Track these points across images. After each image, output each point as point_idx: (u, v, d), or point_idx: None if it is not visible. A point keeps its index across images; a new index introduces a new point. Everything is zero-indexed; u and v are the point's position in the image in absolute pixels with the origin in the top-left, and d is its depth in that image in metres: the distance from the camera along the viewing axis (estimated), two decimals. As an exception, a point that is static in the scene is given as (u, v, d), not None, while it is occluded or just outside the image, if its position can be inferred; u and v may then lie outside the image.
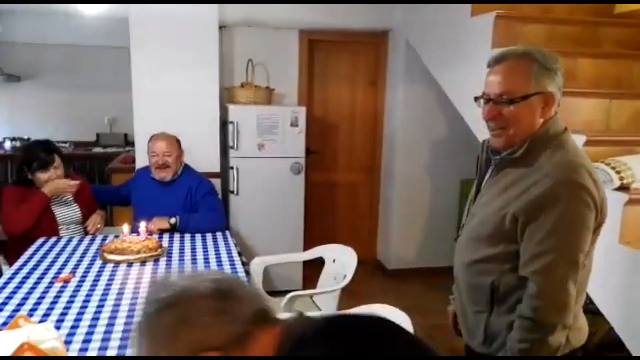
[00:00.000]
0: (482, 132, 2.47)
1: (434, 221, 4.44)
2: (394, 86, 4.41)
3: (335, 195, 4.69)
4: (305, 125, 3.92)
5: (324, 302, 2.66)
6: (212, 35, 3.67)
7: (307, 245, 3.63)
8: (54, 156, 2.76)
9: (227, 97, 4.03)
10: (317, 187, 4.48)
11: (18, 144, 4.90)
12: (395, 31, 4.33)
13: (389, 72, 4.49)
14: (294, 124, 3.88)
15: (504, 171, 1.46)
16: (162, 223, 2.80)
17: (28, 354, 1.41)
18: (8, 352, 1.39)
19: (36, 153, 2.75)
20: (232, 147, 3.82)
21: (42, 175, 2.72)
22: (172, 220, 2.80)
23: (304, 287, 3.80)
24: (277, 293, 2.93)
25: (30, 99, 4.99)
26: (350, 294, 2.58)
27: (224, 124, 3.87)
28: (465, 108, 3.07)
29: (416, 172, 4.40)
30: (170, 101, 3.60)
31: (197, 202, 2.96)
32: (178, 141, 3.06)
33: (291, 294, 2.41)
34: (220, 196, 3.76)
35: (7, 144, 4.96)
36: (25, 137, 4.80)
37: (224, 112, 3.87)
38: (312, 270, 3.06)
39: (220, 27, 3.80)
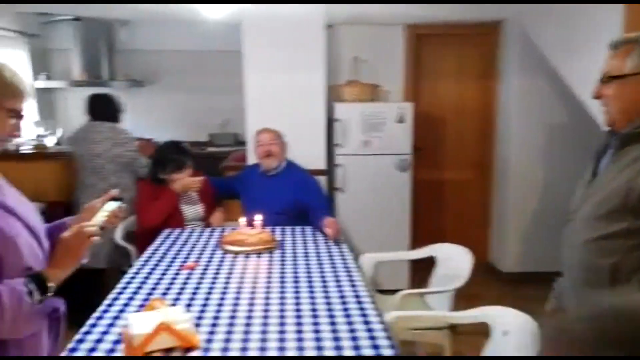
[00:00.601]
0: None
1: (553, 221, 4.14)
2: (507, 79, 4.21)
3: (444, 193, 4.57)
4: (412, 121, 3.86)
5: (436, 303, 2.59)
6: (319, 35, 3.71)
7: (414, 245, 3.57)
8: (187, 158, 2.98)
9: (333, 95, 4.07)
10: (424, 185, 4.39)
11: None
12: (509, 21, 4.13)
13: (502, 64, 4.29)
14: (400, 120, 3.84)
15: (624, 150, 1.46)
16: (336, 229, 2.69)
17: (165, 334, 1.51)
18: (147, 330, 1.50)
19: (171, 156, 2.97)
20: (338, 145, 3.86)
21: (175, 176, 2.95)
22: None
23: (412, 287, 3.74)
24: (383, 292, 2.90)
25: (152, 102, 5.36)
26: (464, 296, 2.49)
27: (329, 121, 3.91)
28: (591, 98, 2.84)
29: (533, 168, 4.16)
30: (279, 101, 3.70)
31: (305, 196, 3.03)
32: (281, 134, 3.21)
33: (404, 292, 2.37)
34: (327, 193, 3.82)
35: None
36: (147, 137, 5.15)
37: (330, 110, 3.91)
38: (420, 270, 2.99)
39: (327, 27, 3.85)
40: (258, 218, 2.57)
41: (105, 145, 3.35)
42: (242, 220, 2.60)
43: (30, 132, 4.33)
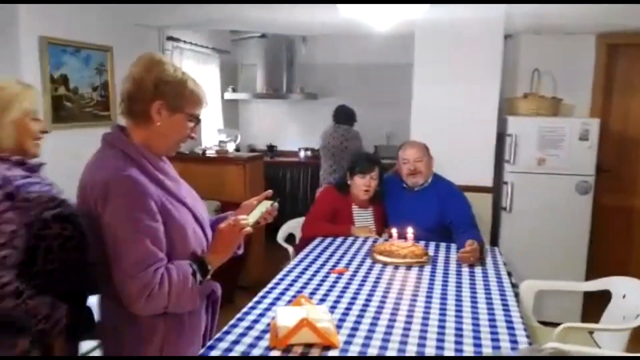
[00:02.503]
0: None
1: None
2: None
3: (633, 223, 4.01)
4: (598, 139, 3.46)
5: (606, 341, 2.27)
6: (497, 45, 3.52)
7: (590, 275, 3.19)
8: (375, 167, 3.00)
9: (507, 108, 3.84)
10: (608, 211, 3.91)
11: (309, 153, 5.68)
12: None
13: None
14: (583, 137, 3.46)
15: None
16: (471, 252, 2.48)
17: (306, 329, 1.56)
18: (290, 324, 1.57)
19: (360, 160, 3.05)
20: (508, 161, 3.63)
21: (359, 180, 2.98)
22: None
23: (583, 322, 3.33)
24: (549, 324, 2.61)
25: (323, 114, 5.65)
26: (643, 339, 2.14)
27: (499, 136, 3.69)
28: None
29: None
30: (447, 113, 3.60)
31: (450, 210, 2.88)
32: (427, 148, 3.06)
33: (565, 325, 2.12)
34: (490, 212, 3.61)
35: (302, 154, 5.77)
36: (316, 148, 5.43)
37: (501, 124, 3.69)
38: (596, 304, 2.65)
39: (505, 37, 3.64)
40: (410, 231, 2.52)
41: (338, 139, 4.71)
42: (394, 231, 2.58)
43: (214, 138, 4.89)
